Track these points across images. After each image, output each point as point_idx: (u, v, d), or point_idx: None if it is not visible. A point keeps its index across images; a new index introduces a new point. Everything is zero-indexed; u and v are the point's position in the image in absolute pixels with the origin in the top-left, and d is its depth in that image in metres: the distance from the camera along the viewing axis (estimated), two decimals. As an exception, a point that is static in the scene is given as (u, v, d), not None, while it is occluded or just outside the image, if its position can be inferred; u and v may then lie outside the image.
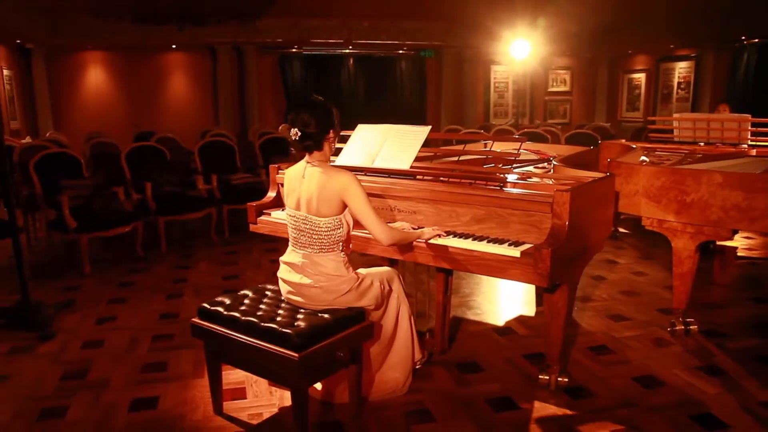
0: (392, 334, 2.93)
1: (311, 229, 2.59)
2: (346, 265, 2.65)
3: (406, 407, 2.84)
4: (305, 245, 2.62)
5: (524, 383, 3.06)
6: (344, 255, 2.66)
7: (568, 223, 2.53)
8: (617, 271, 5.03)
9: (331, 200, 2.54)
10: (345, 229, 2.60)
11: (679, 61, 11.47)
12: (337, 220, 2.56)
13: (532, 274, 2.49)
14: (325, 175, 2.56)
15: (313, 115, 2.57)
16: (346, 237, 2.63)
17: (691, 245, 3.55)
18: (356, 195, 2.53)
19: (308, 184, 2.59)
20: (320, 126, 2.57)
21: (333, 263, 2.61)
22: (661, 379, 3.10)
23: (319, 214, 2.56)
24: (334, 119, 2.64)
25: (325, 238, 2.58)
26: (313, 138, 2.57)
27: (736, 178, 3.33)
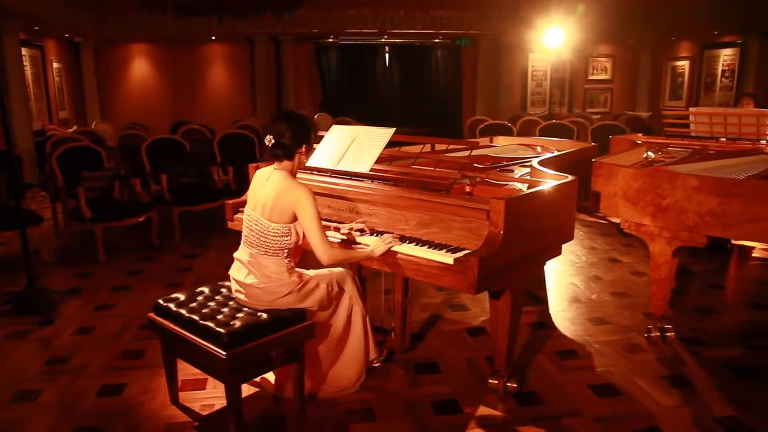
0: (344, 334, 3.01)
1: (261, 231, 2.70)
2: (289, 270, 2.74)
3: (352, 405, 2.92)
4: (253, 245, 2.73)
5: (477, 386, 3.07)
6: (289, 261, 2.75)
7: (503, 231, 2.52)
8: (616, 271, 4.90)
9: (283, 210, 2.64)
10: (293, 239, 2.70)
11: (724, 48, 10.76)
12: (286, 228, 2.66)
13: (461, 282, 2.50)
14: (284, 185, 2.65)
15: (290, 127, 2.67)
16: (293, 246, 2.73)
17: (667, 250, 3.43)
18: (307, 211, 2.61)
19: (268, 189, 2.70)
20: (294, 139, 2.67)
21: (276, 266, 2.71)
22: (619, 389, 3.04)
23: (270, 219, 2.66)
24: (309, 134, 2.74)
25: (272, 242, 2.68)
26: (284, 148, 2.67)
27: (711, 182, 3.18)
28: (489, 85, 12.30)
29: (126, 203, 5.68)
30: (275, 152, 2.69)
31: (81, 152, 5.64)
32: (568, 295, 4.37)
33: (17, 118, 7.62)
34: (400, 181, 3.07)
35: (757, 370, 3.23)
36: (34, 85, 8.81)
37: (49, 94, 9.46)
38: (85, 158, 5.62)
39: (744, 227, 3.11)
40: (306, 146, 2.72)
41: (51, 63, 9.70)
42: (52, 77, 9.64)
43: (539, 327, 3.81)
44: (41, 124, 8.80)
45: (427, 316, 3.98)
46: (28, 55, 8.70)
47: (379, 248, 2.77)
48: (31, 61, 8.85)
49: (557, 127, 7.82)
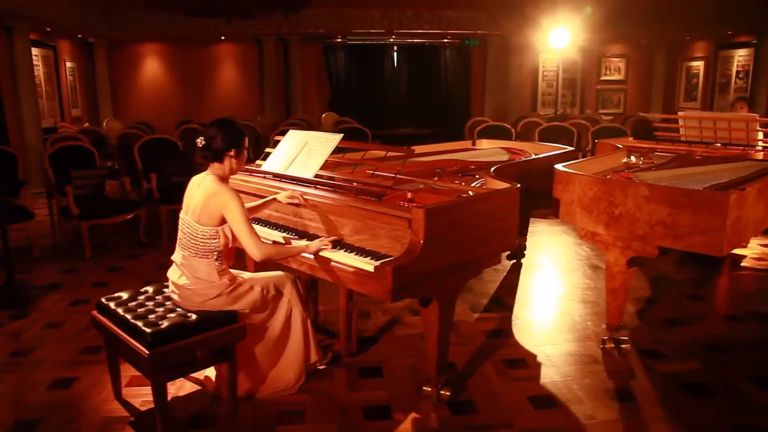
0: (283, 336, 3.06)
1: (191, 233, 2.76)
2: (220, 273, 2.80)
3: (286, 406, 2.96)
4: (185, 247, 2.80)
5: (415, 393, 3.06)
6: (219, 263, 2.80)
7: (422, 241, 2.51)
8: (594, 278, 4.80)
9: (211, 213, 2.71)
10: (222, 241, 2.75)
11: (738, 48, 10.40)
12: (214, 230, 2.72)
13: (379, 290, 2.51)
14: (212, 189, 2.72)
15: (220, 131, 2.74)
16: (223, 248, 2.78)
17: (621, 260, 3.37)
18: (233, 213, 2.67)
19: (199, 194, 2.76)
20: (224, 142, 2.73)
21: (206, 269, 2.77)
22: (558, 401, 3.00)
23: (199, 222, 2.73)
24: (240, 140, 2.79)
25: (201, 244, 2.74)
26: (212, 150, 2.74)
27: (661, 192, 3.12)
28: (498, 86, 12.17)
29: (115, 201, 5.83)
30: (204, 153, 2.76)
31: (74, 151, 5.82)
32: (536, 302, 4.31)
33: (26, 115, 7.91)
34: (339, 187, 3.08)
35: (708, 386, 3.15)
36: (46, 84, 9.11)
37: (61, 93, 9.77)
38: (78, 157, 5.79)
39: (693, 238, 3.03)
40: (235, 150, 2.76)
41: (64, 62, 10.00)
42: (65, 76, 9.95)
43: (496, 334, 3.78)
44: (53, 122, 9.09)
45: (386, 320, 3.99)
46: (41, 55, 9.00)
47: (313, 245, 2.83)
48: (44, 61, 9.15)
49: (557, 129, 7.70)
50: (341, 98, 12.28)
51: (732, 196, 2.93)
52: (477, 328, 3.85)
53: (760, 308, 4.29)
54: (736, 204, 3.00)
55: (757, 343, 3.66)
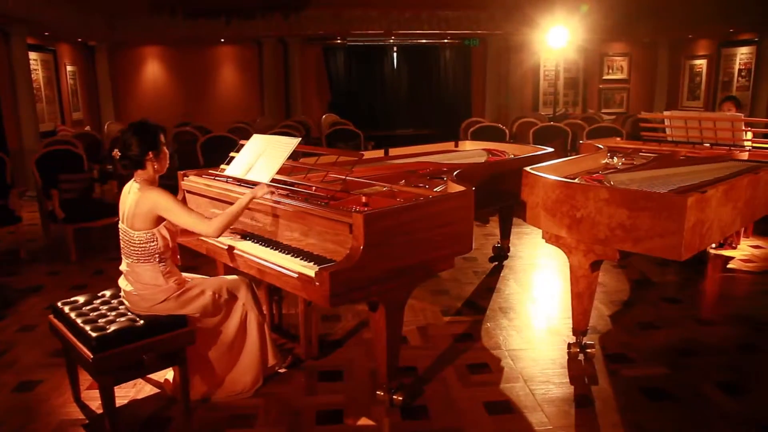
0: (238, 340, 3.07)
1: (128, 240, 2.79)
2: (165, 276, 2.81)
3: (240, 410, 2.96)
4: (127, 255, 2.83)
5: (370, 398, 3.05)
6: (164, 266, 2.81)
7: (362, 246, 2.50)
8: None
9: (143, 216, 2.73)
10: (161, 243, 2.77)
11: (741, 46, 10.17)
12: (149, 234, 2.74)
13: (318, 295, 2.50)
14: (140, 193, 2.74)
15: (134, 137, 2.76)
16: (164, 250, 2.79)
17: (585, 263, 3.32)
18: (167, 207, 2.70)
19: (130, 200, 2.79)
20: (140, 148, 2.74)
21: (150, 273, 2.79)
22: (514, 407, 2.96)
23: (133, 227, 2.75)
24: (154, 141, 2.79)
25: (140, 249, 2.76)
26: (131, 159, 2.76)
27: (620, 195, 3.06)
28: (498, 86, 12.07)
29: (103, 205, 5.89)
30: (122, 163, 2.78)
31: (62, 155, 5.89)
32: (510, 306, 4.26)
33: (24, 119, 8.04)
34: (292, 192, 3.08)
35: (672, 392, 3.08)
36: (46, 87, 9.24)
37: (62, 96, 9.90)
38: (66, 161, 5.86)
39: (653, 242, 2.97)
40: (153, 153, 2.76)
41: (64, 66, 10.14)
42: (65, 80, 10.08)
43: (463, 338, 3.74)
44: (54, 125, 9.22)
45: (355, 323, 3.98)
46: (40, 59, 9.13)
47: (260, 190, 2.90)
48: (44, 65, 9.28)
49: (552, 129, 7.62)
50: (341, 99, 12.29)
51: (690, 200, 2.86)
52: (445, 332, 3.82)
53: (738, 311, 4.20)
54: (696, 207, 2.94)
55: (728, 348, 3.58)
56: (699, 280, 4.82)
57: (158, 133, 2.81)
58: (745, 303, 4.41)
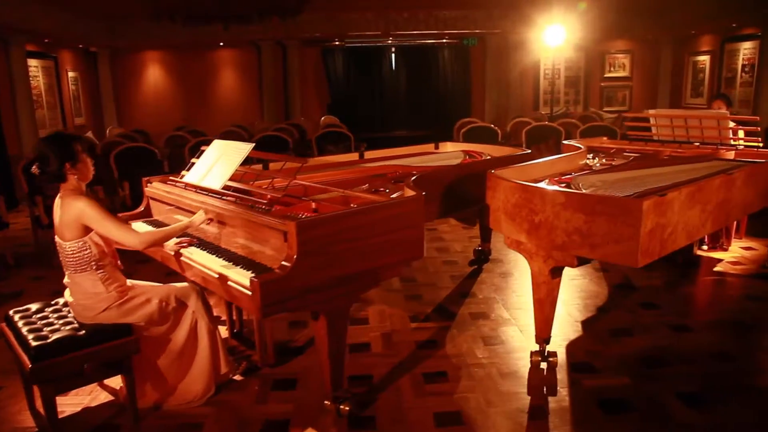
0: (189, 348, 3.05)
1: (63, 252, 2.79)
2: (106, 283, 2.80)
3: (189, 419, 2.94)
4: (65, 266, 2.84)
5: (320, 407, 3.00)
6: (102, 273, 2.80)
7: (296, 255, 2.45)
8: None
9: (71, 225, 2.72)
10: (95, 250, 2.76)
11: (744, 41, 9.87)
12: (80, 242, 2.73)
13: (251, 304, 2.46)
14: (65, 203, 2.74)
15: (49, 150, 2.70)
16: (99, 256, 2.78)
17: (545, 269, 3.23)
18: (92, 217, 2.69)
19: (58, 212, 2.79)
20: (57, 161, 2.70)
21: (89, 282, 2.79)
22: (464, 418, 2.89)
23: (63, 238, 2.75)
24: (71, 151, 2.74)
25: (73, 259, 2.76)
26: (49, 174, 2.73)
27: (576, 199, 2.97)
28: (498, 85, 11.93)
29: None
30: (42, 179, 2.75)
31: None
32: (481, 311, 4.18)
33: (23, 126, 8.17)
34: (240, 198, 3.05)
35: (630, 403, 2.99)
36: (47, 94, 9.38)
37: (63, 102, 10.04)
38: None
39: (609, 248, 2.88)
40: (70, 163, 2.72)
41: (66, 72, 10.29)
42: (67, 86, 10.23)
43: (427, 345, 3.67)
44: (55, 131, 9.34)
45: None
46: (41, 66, 9.27)
47: (197, 218, 2.92)
48: (45, 72, 9.42)
49: (544, 129, 7.50)
50: (340, 101, 12.28)
51: (645, 204, 2.77)
52: (409, 339, 3.76)
53: (717, 317, 4.07)
54: (654, 211, 2.84)
55: (699, 357, 3.46)
56: (683, 284, 4.68)
57: (73, 142, 2.76)
58: (726, 308, 4.27)
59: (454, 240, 5.95)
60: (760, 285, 4.59)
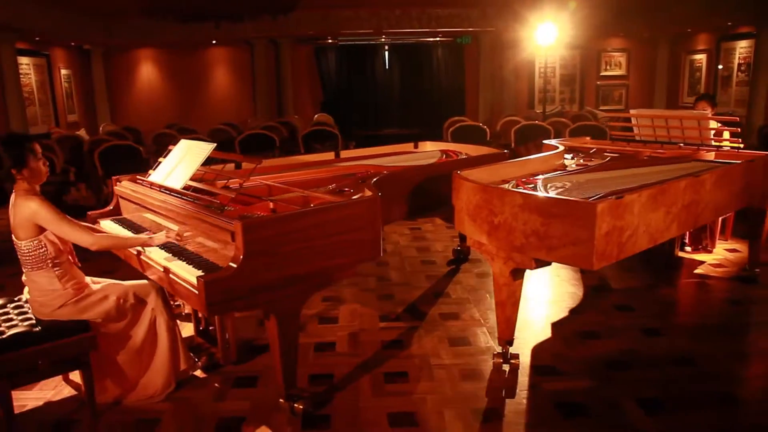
0: (149, 344, 3.07)
1: (19, 250, 2.81)
2: (62, 281, 2.82)
3: (147, 414, 2.95)
4: (23, 264, 2.85)
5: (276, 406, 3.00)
6: (59, 270, 2.82)
7: (242, 255, 2.46)
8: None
9: (24, 225, 2.74)
10: (50, 248, 2.78)
11: (740, 39, 9.78)
12: (35, 241, 2.75)
13: (197, 303, 2.47)
14: (18, 203, 2.76)
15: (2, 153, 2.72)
16: (55, 254, 2.80)
17: (505, 271, 3.22)
18: (45, 217, 2.71)
19: (12, 212, 2.80)
20: (11, 161, 2.72)
21: (45, 279, 2.81)
22: (419, 419, 2.88)
23: (18, 237, 2.77)
24: (19, 152, 2.75)
25: (30, 258, 2.77)
26: None
27: (533, 200, 2.96)
28: (492, 83, 11.89)
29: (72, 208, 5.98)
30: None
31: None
32: (452, 312, 4.17)
33: (14, 123, 8.21)
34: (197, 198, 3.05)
35: (588, 407, 2.96)
36: (39, 91, 9.43)
37: (56, 99, 10.09)
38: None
39: (566, 250, 2.88)
40: (16, 169, 2.72)
41: (59, 69, 10.34)
42: (59, 83, 10.28)
43: (392, 345, 3.67)
44: (47, 128, 9.41)
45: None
46: (33, 64, 9.32)
47: (158, 238, 2.89)
48: (37, 69, 9.48)
49: (533, 128, 7.46)
50: (333, 99, 12.27)
51: (600, 206, 2.75)
52: (376, 339, 3.75)
53: (689, 321, 4.05)
54: (610, 214, 2.83)
55: (664, 361, 3.43)
56: (661, 286, 4.64)
57: (24, 144, 2.77)
58: (701, 312, 4.25)
59: (436, 239, 5.94)
60: (740, 288, 4.55)
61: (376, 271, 5.02)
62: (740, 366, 3.39)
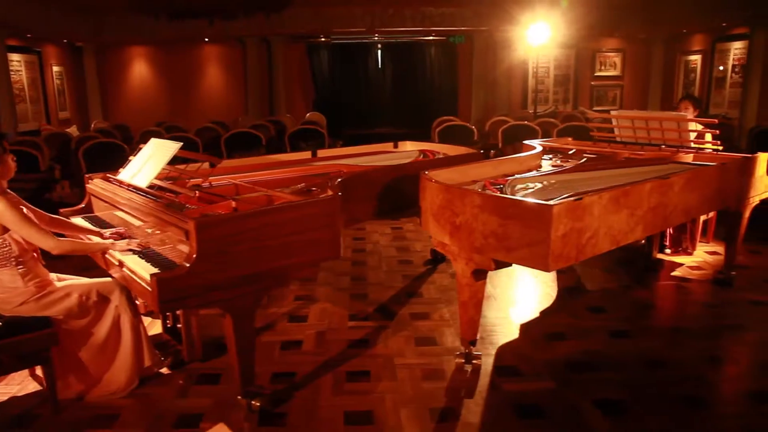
0: (112, 341, 3.10)
1: None
2: (25, 279, 2.86)
3: (104, 410, 2.98)
4: None
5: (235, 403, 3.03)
6: (23, 269, 2.85)
7: (195, 254, 2.48)
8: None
9: None
10: (14, 247, 2.82)
11: (735, 41, 9.74)
12: (0, 240, 2.78)
13: (150, 300, 2.50)
14: None
15: None
16: (19, 253, 2.84)
17: (467, 271, 3.23)
18: (10, 219, 2.76)
19: None
20: None
21: (8, 276, 2.84)
22: (375, 418, 2.90)
23: None
24: None
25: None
26: None
27: (492, 201, 2.98)
28: (486, 83, 11.87)
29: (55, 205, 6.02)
30: None
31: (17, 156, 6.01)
32: (423, 311, 4.18)
33: (4, 119, 8.25)
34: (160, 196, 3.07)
35: (545, 409, 2.97)
36: (30, 88, 9.48)
37: (47, 96, 10.14)
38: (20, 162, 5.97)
39: (523, 251, 2.89)
40: None
41: (50, 66, 10.39)
42: (51, 80, 10.32)
43: (358, 344, 3.68)
44: (38, 125, 9.46)
45: (259, 326, 3.95)
46: (24, 61, 9.37)
47: (119, 245, 2.92)
48: (28, 66, 9.52)
49: (521, 128, 7.47)
50: (325, 97, 12.28)
51: (556, 208, 2.76)
52: (343, 338, 3.77)
53: (659, 323, 4.05)
54: (567, 215, 2.84)
55: (628, 363, 3.43)
56: (636, 288, 4.64)
57: None
58: (672, 315, 4.26)
59: (416, 239, 5.95)
60: (715, 291, 4.55)
61: (353, 270, 5.04)
62: (707, 369, 3.38)
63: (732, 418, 2.92)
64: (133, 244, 2.94)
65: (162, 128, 8.31)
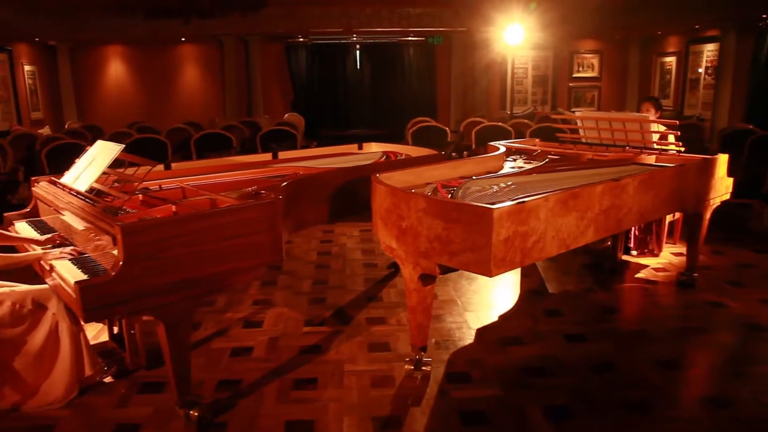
0: (49, 350, 3.02)
1: None
2: (-43, 288, 2.77)
3: (39, 421, 2.90)
4: None
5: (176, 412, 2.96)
6: (-46, 278, 2.78)
7: (122, 260, 2.41)
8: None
9: None
10: None
11: (707, 42, 9.78)
12: None
13: (77, 307, 2.42)
14: None
15: None
16: None
17: (414, 276, 3.19)
18: None
19: None
20: None
21: (-61, 284, 2.76)
22: (316, 427, 2.85)
23: None
24: None
25: None
26: None
27: (435, 205, 2.93)
28: (465, 84, 11.84)
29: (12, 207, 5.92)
30: None
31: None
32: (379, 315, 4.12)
33: (-30, 120, 8.12)
34: (99, 201, 2.99)
35: (491, 415, 2.92)
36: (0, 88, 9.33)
37: (18, 96, 9.99)
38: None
39: (466, 256, 2.84)
40: None
41: (22, 66, 10.24)
42: (23, 79, 10.17)
43: (310, 350, 3.62)
44: (9, 126, 9.31)
45: (212, 332, 3.88)
46: (-6, 59, 9.22)
47: (52, 254, 2.84)
48: (-3, 65, 9.38)
49: (495, 129, 7.44)
50: (304, 98, 12.21)
51: (497, 212, 2.71)
52: (295, 344, 3.70)
53: (617, 326, 4.01)
54: (510, 219, 2.79)
55: (580, 368, 3.39)
56: (598, 291, 4.61)
57: None
58: (630, 317, 4.23)
59: (384, 241, 5.88)
60: (677, 293, 4.53)
61: (315, 273, 4.99)
62: (660, 372, 3.35)
63: (681, 422, 2.89)
64: (66, 251, 2.86)
65: (134, 129, 8.20)
